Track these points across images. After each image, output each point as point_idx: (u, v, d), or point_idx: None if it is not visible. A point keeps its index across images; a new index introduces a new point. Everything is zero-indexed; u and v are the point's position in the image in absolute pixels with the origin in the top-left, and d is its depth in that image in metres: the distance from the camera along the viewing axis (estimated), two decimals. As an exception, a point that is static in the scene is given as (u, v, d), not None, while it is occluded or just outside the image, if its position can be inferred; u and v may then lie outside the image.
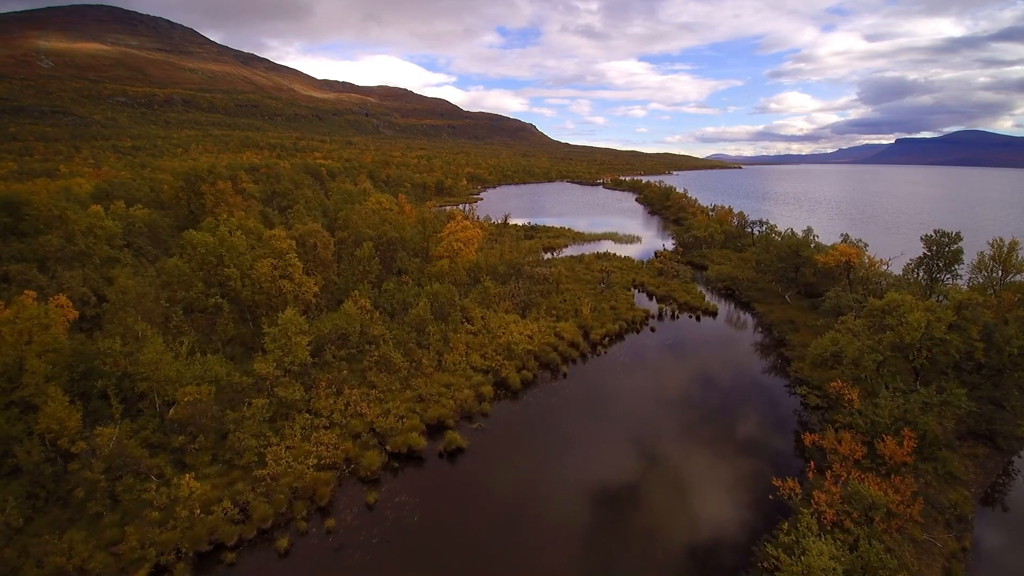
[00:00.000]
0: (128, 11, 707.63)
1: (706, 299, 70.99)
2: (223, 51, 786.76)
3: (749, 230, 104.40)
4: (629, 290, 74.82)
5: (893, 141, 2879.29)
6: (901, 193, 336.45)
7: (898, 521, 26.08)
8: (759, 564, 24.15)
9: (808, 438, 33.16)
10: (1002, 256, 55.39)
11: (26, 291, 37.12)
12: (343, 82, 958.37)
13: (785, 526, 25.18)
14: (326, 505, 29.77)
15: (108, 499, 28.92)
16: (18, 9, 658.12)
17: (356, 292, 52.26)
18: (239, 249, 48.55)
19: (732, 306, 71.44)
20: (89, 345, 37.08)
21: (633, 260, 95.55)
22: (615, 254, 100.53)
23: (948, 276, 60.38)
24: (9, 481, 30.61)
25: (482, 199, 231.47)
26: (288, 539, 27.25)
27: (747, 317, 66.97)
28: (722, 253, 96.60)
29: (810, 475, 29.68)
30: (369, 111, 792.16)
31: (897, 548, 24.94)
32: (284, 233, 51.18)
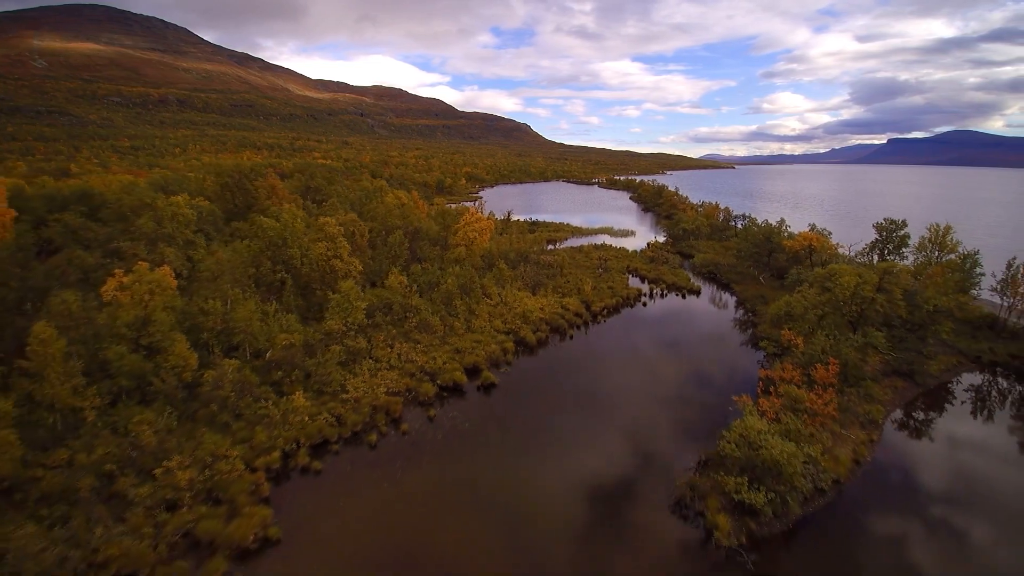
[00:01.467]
0: (122, 11, 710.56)
1: (691, 281, 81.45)
2: (217, 51, 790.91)
3: (733, 223, 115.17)
4: (624, 274, 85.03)
5: (885, 141, 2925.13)
6: (888, 192, 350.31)
7: (820, 419, 36.31)
8: (718, 443, 34.19)
9: (762, 372, 43.42)
10: (938, 238, 66.31)
11: (140, 262, 46.51)
12: (338, 82, 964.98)
13: (737, 421, 35.22)
14: (398, 417, 39.66)
15: (233, 414, 38.52)
16: (11, 8, 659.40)
17: (395, 270, 62.10)
18: (299, 233, 58.22)
19: (714, 287, 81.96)
20: (193, 305, 46.63)
21: (628, 250, 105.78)
22: (611, 246, 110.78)
23: (896, 257, 71.26)
24: (144, 407, 40.02)
25: (482, 197, 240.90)
26: (375, 436, 37.13)
27: (726, 295, 77.47)
28: (708, 244, 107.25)
29: (759, 392, 39.87)
30: (364, 111, 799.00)
31: (818, 434, 35.19)
32: (334, 220, 60.94)
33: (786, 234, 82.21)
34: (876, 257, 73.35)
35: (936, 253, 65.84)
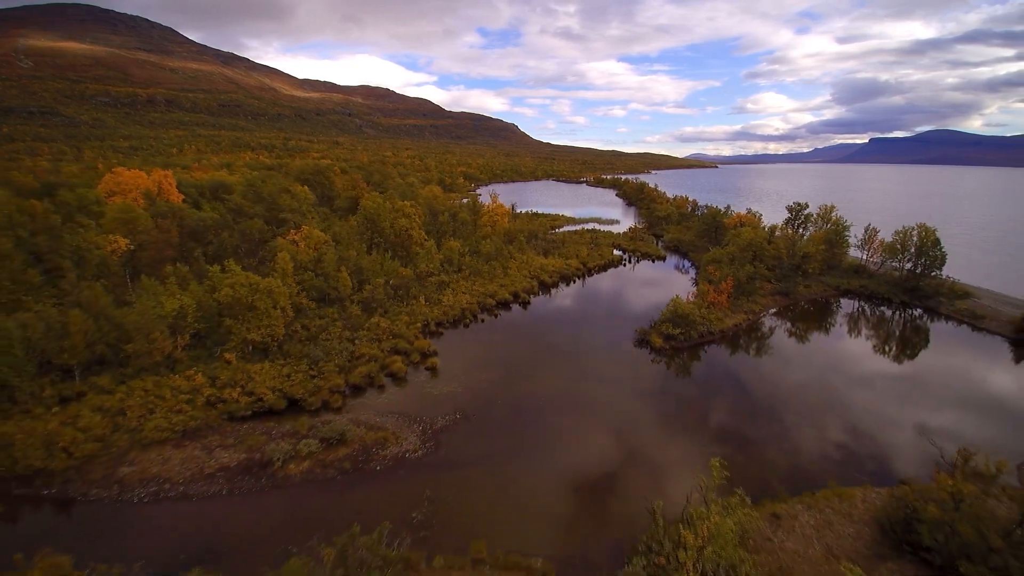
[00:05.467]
0: (106, 10, 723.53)
1: (661, 251, 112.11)
2: (203, 50, 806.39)
3: (697, 212, 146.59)
4: (610, 247, 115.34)
5: (867, 140, 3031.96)
6: (857, 188, 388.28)
7: (716, 305, 66.62)
8: (660, 315, 64.01)
9: (693, 291, 73.72)
10: (826, 215, 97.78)
11: (304, 226, 74.93)
12: (325, 81, 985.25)
13: (670, 302, 64.95)
14: (476, 314, 69.09)
15: (384, 310, 67.32)
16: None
17: (451, 238, 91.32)
18: (387, 211, 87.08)
19: (677, 255, 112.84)
20: (336, 254, 75.14)
21: (613, 233, 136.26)
22: (600, 230, 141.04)
23: (802, 229, 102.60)
24: (327, 307, 68.15)
25: (481, 195, 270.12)
26: (467, 322, 66.52)
27: (684, 261, 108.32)
28: (676, 227, 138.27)
29: (689, 295, 70.11)
30: (352, 111, 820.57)
31: (714, 311, 65.49)
32: (409, 204, 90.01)
33: (729, 216, 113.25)
34: (790, 229, 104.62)
35: (825, 224, 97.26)
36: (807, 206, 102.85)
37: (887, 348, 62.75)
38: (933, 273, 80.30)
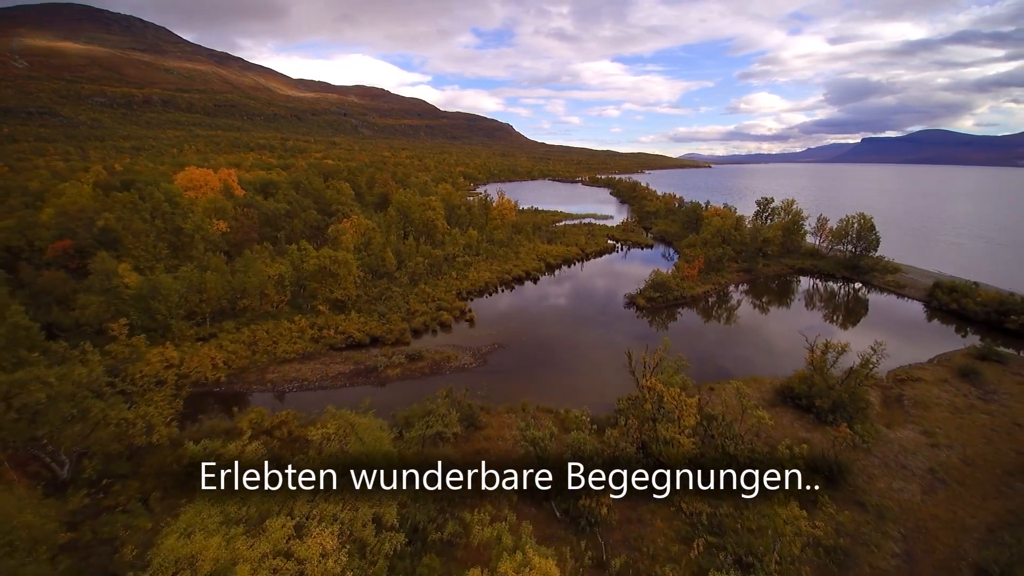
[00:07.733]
0: (100, 9, 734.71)
1: (649, 240, 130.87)
2: (197, 50, 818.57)
3: (683, 207, 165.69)
4: (605, 237, 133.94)
5: (859, 140, 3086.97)
6: (851, 188, 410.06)
7: (688, 278, 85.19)
8: (645, 283, 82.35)
9: (673, 268, 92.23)
10: (788, 209, 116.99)
11: (353, 215, 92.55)
12: (320, 81, 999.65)
13: (651, 274, 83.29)
14: (497, 287, 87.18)
15: (424, 280, 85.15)
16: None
17: (468, 228, 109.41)
18: (414, 204, 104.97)
19: (663, 244, 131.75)
20: (381, 238, 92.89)
21: (608, 226, 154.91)
22: (596, 224, 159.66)
23: (769, 219, 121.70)
24: (379, 280, 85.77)
25: (481, 192, 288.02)
26: (490, 293, 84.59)
27: (669, 249, 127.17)
28: (663, 221, 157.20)
29: (668, 270, 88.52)
30: (348, 111, 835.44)
31: (689, 282, 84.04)
32: (433, 199, 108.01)
33: (708, 209, 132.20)
34: (759, 221, 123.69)
35: (786, 216, 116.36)
36: (772, 200, 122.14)
37: (824, 307, 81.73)
38: (870, 253, 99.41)
